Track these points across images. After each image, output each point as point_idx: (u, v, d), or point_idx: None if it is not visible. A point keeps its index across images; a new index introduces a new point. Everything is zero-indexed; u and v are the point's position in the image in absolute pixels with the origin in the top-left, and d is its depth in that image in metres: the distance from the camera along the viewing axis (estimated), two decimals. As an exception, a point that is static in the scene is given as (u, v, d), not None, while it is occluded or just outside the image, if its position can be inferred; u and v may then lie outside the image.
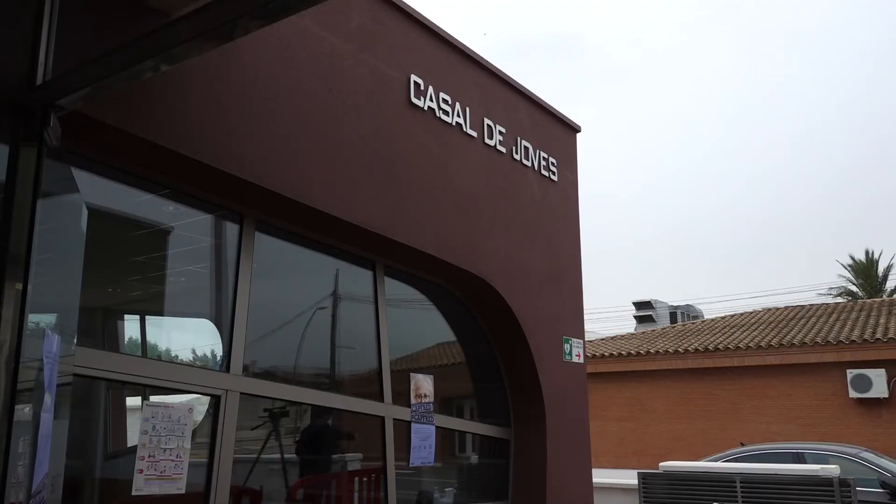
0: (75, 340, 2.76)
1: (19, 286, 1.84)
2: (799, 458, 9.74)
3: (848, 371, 15.22)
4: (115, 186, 4.13)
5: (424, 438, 5.94)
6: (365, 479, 5.91)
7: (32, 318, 1.96)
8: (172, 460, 3.84)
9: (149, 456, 3.75)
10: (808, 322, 18.28)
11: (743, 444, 11.98)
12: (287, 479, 5.51)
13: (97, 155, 3.87)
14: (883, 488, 8.85)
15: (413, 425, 5.86)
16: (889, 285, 33.60)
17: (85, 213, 2.76)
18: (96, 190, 3.98)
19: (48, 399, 2.01)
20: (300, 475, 5.73)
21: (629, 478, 9.44)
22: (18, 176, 1.83)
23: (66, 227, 2.44)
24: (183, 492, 3.93)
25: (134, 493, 3.70)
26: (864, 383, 14.99)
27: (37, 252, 1.93)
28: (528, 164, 7.17)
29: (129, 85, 3.23)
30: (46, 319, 2.21)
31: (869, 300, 21.58)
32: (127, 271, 4.67)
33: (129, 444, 4.12)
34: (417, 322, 6.77)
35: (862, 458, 9.37)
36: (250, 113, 4.33)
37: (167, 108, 3.84)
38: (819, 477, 8.05)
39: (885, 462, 9.41)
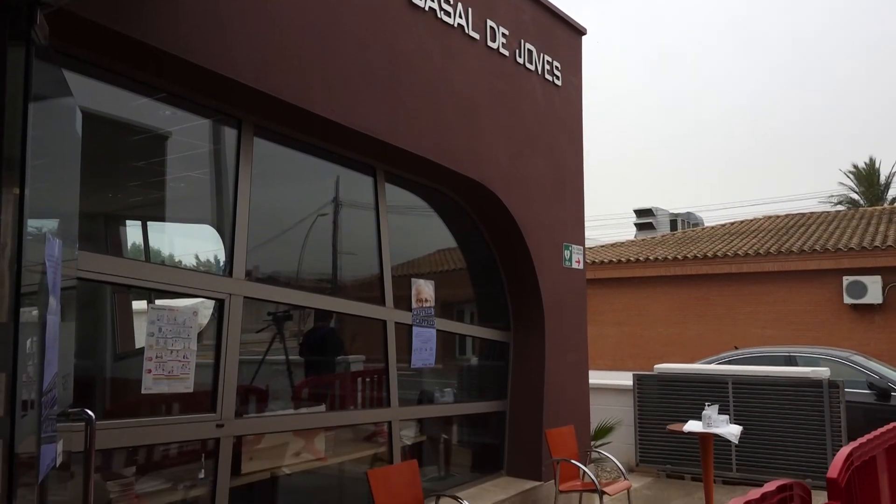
0: (77, 245, 2.78)
1: (16, 191, 1.83)
2: (791, 361, 9.98)
3: (844, 278, 15.38)
4: (109, 90, 4.06)
5: (425, 341, 6.08)
6: (367, 379, 6.09)
7: (33, 224, 1.96)
8: (179, 361, 3.95)
9: (156, 357, 3.85)
10: (807, 230, 18.32)
11: (737, 348, 12.26)
12: (292, 380, 5.68)
13: (89, 57, 3.78)
14: (870, 390, 9.11)
15: (414, 328, 5.98)
16: (891, 193, 33.49)
17: (79, 116, 2.72)
18: (91, 94, 3.91)
19: (53, 302, 2.04)
20: (305, 376, 5.90)
21: (625, 379, 9.71)
22: (7, 76, 1.80)
23: (60, 132, 2.41)
24: (191, 390, 4.06)
25: (143, 391, 3.83)
26: (859, 290, 15.18)
27: (32, 157, 1.92)
28: (532, 67, 7.01)
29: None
30: (47, 225, 2.22)
31: (870, 208, 21.55)
32: (126, 177, 4.65)
33: (137, 346, 4.22)
34: (418, 228, 6.80)
35: (852, 362, 9.60)
36: (246, 14, 4.19)
37: (158, 8, 3.72)
38: (809, 379, 8.28)
39: (874, 365, 9.65)
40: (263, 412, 5.16)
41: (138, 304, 4.78)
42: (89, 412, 2.30)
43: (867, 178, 33.51)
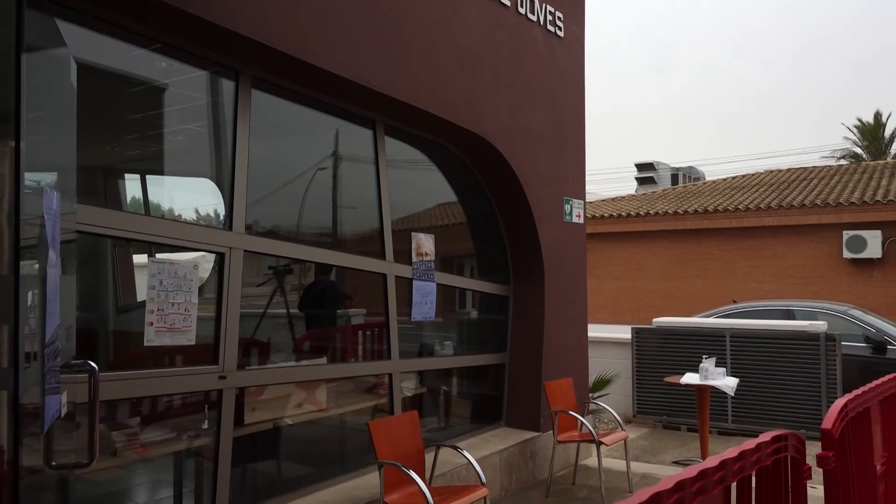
0: (75, 198, 2.78)
1: (12, 143, 1.82)
2: (788, 314, 10.05)
3: (844, 232, 15.39)
4: (103, 40, 3.99)
5: (425, 295, 6.11)
6: (368, 332, 6.15)
7: (30, 177, 1.95)
8: (181, 314, 3.98)
9: (158, 310, 3.88)
10: (809, 184, 18.25)
11: (735, 302, 12.33)
12: (293, 333, 5.72)
13: (82, 6, 3.70)
14: (866, 343, 9.20)
15: (414, 282, 6.01)
16: (895, 148, 33.22)
17: (74, 67, 2.68)
18: (85, 45, 3.84)
19: (53, 255, 2.05)
20: (306, 329, 5.95)
21: (623, 333, 9.79)
22: None
23: (55, 83, 2.38)
24: (193, 343, 4.10)
25: (146, 343, 3.86)
26: (859, 244, 15.20)
27: (27, 109, 1.90)
28: (534, 18, 6.88)
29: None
30: (44, 178, 2.21)
31: (872, 162, 21.42)
32: (123, 130, 4.61)
33: (139, 299, 4.24)
34: (418, 182, 6.77)
35: (849, 315, 9.67)
36: (240, -40, 4.10)
37: (152, -45, 3.64)
38: (806, 332, 8.35)
39: (871, 319, 9.72)
40: (265, 364, 5.22)
41: (139, 258, 4.79)
42: (92, 364, 2.32)
43: (871, 132, 33.21)
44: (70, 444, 2.60)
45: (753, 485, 2.84)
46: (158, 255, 4.12)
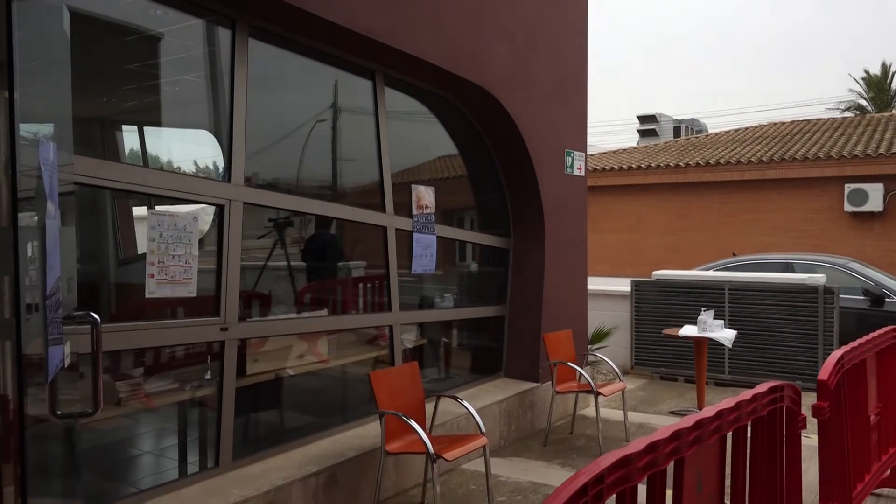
0: (72, 150, 2.75)
1: (6, 94, 1.79)
2: (788, 267, 10.08)
3: (846, 185, 15.32)
4: (96, -13, 3.91)
5: (426, 248, 6.11)
6: (369, 285, 6.17)
7: (26, 129, 1.93)
8: (181, 266, 3.98)
9: (158, 262, 3.88)
10: (812, 136, 18.09)
11: (735, 255, 12.35)
12: (294, 285, 5.75)
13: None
14: (865, 296, 9.24)
15: (415, 235, 6.01)
16: (901, 100, 32.80)
17: (67, 15, 2.63)
18: (77, -9, 3.76)
19: (51, 207, 2.04)
20: (307, 281, 5.97)
21: (623, 286, 9.83)
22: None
23: (47, 32, 2.33)
24: (194, 295, 4.12)
25: (147, 295, 3.88)
26: (861, 197, 15.15)
27: (20, 59, 1.86)
28: (536, -36, 6.73)
29: None
30: (41, 129, 2.19)
31: (877, 115, 21.19)
32: (119, 80, 4.55)
33: (140, 252, 4.25)
34: (419, 135, 6.71)
35: (848, 268, 9.69)
36: None
37: None
38: (805, 285, 8.38)
39: (870, 272, 9.75)
40: (266, 316, 5.25)
41: (139, 211, 4.79)
42: (94, 315, 2.33)
43: (877, 84, 32.75)
44: (75, 394, 2.64)
45: (749, 434, 2.89)
46: (158, 208, 4.11)
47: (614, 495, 2.05)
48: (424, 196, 6.13)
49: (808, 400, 3.39)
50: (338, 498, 4.60)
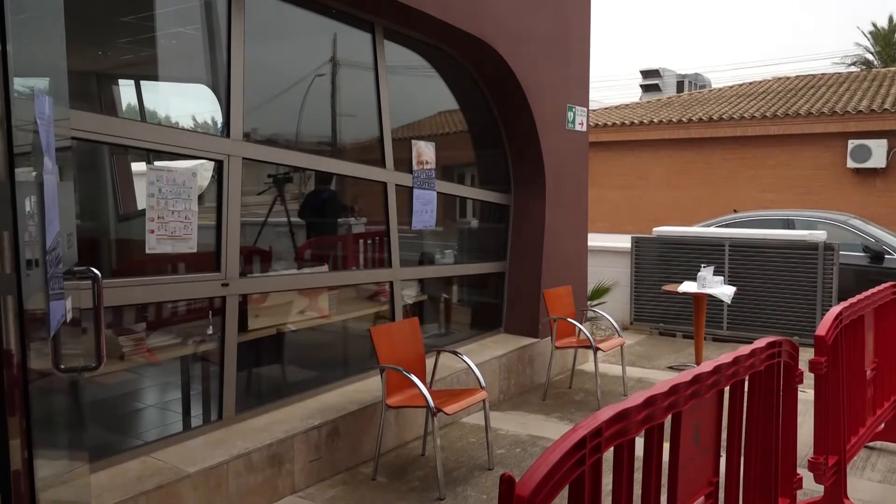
0: (69, 104, 2.72)
1: None
2: (789, 224, 10.06)
3: (849, 141, 15.20)
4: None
5: (426, 203, 6.09)
6: (369, 241, 6.17)
7: (20, 83, 1.90)
8: (181, 221, 3.98)
9: (158, 217, 3.88)
10: (816, 92, 17.89)
11: (736, 211, 12.33)
12: (294, 241, 5.75)
13: None
14: (865, 252, 9.25)
15: (415, 191, 5.98)
16: (908, 53, 32.32)
17: (59, -35, 2.57)
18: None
19: (48, 161, 2.02)
20: (307, 237, 5.97)
21: (623, 242, 9.84)
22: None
23: (40, -19, 2.28)
24: (195, 251, 4.12)
25: (148, 251, 3.88)
26: (864, 153, 15.05)
27: (12, 11, 1.83)
28: (538, -88, 6.56)
29: None
30: (36, 83, 2.16)
31: (883, 69, 20.91)
32: (115, 33, 4.48)
33: (140, 208, 4.24)
34: (419, 89, 6.63)
35: (849, 225, 9.68)
36: None
37: None
38: (805, 241, 8.38)
39: (871, 228, 9.73)
40: (267, 272, 5.27)
41: (138, 166, 4.76)
42: (95, 270, 2.34)
43: (885, 38, 32.24)
44: (78, 348, 2.66)
45: (746, 389, 2.92)
46: (156, 163, 4.09)
47: (612, 448, 2.08)
48: (425, 151, 6.09)
49: (806, 355, 3.42)
50: (340, 450, 4.67)
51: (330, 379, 5.30)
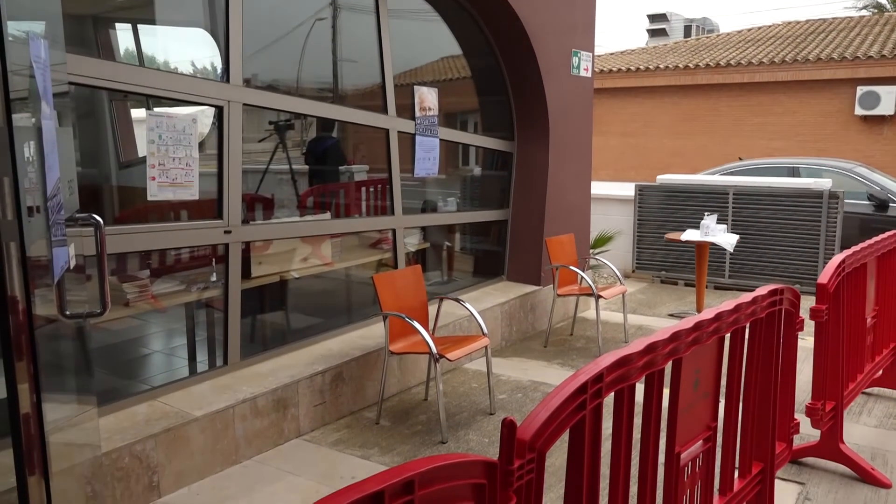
0: (65, 49, 2.67)
1: (-9, -15, 1.72)
2: (794, 172, 9.99)
3: (858, 88, 14.98)
4: None
5: (429, 150, 6.05)
6: (371, 188, 6.15)
7: (14, 27, 1.87)
8: (182, 168, 3.95)
9: (159, 164, 3.85)
10: (826, 37, 17.54)
11: (741, 159, 12.23)
12: (297, 189, 5.73)
13: None
14: (870, 201, 9.21)
15: (417, 138, 5.93)
16: (922, -3, 31.51)
17: None
18: None
19: (46, 107, 2.00)
20: (309, 185, 5.95)
21: (627, 190, 9.79)
22: None
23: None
24: (196, 198, 4.11)
25: (149, 198, 3.87)
26: (873, 100, 14.84)
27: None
28: None
29: None
30: (31, 27, 2.12)
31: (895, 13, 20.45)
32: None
33: (140, 155, 4.21)
34: (421, 34, 6.51)
35: (855, 173, 9.61)
36: None
37: None
38: (810, 190, 8.34)
39: (877, 177, 9.66)
40: (270, 220, 5.26)
41: (137, 113, 4.71)
42: (97, 217, 2.33)
43: (898, -21, 31.39)
44: (83, 294, 2.67)
45: (747, 336, 2.94)
46: (156, 109, 4.04)
47: (613, 393, 2.11)
48: (427, 98, 6.01)
49: (807, 303, 3.43)
50: (343, 395, 4.75)
51: (333, 326, 5.34)
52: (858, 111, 15.07)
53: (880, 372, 4.85)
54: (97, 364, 4.37)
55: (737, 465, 3.00)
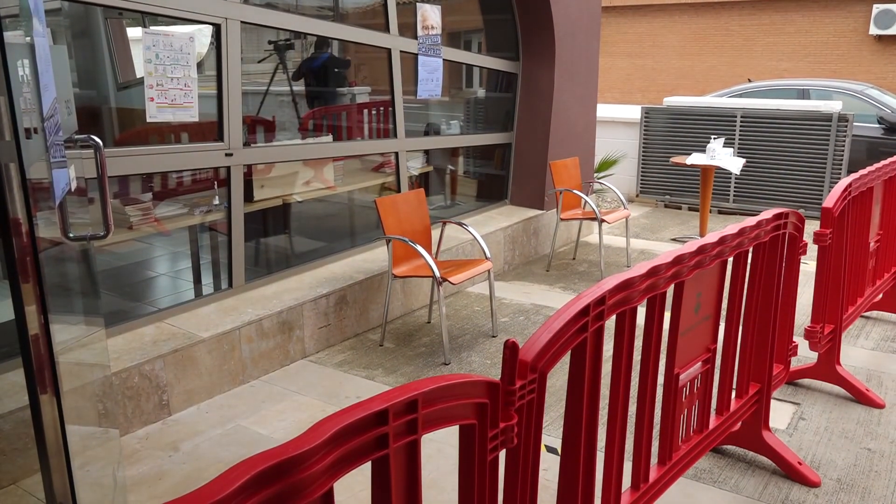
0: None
1: None
2: (804, 94, 9.81)
3: (875, 6, 14.53)
4: None
5: (432, 71, 5.92)
6: (374, 111, 6.06)
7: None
8: (181, 89, 3.88)
9: (157, 84, 3.78)
10: (845, -49, 16.90)
11: (750, 81, 11.98)
12: (298, 111, 5.65)
13: None
14: (879, 123, 9.06)
15: (420, 58, 5.80)
16: None
17: None
18: None
19: (38, 24, 1.94)
20: (310, 107, 5.86)
21: (633, 113, 9.64)
22: None
23: None
24: (196, 119, 4.05)
25: (149, 119, 3.82)
26: (889, 19, 14.41)
27: None
28: None
29: None
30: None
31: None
32: None
33: (138, 76, 4.12)
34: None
35: (866, 95, 9.42)
36: None
37: None
38: (819, 112, 8.19)
39: (888, 99, 9.48)
40: (271, 142, 5.21)
41: (134, 32, 4.59)
42: (96, 138, 2.30)
43: None
44: (85, 217, 2.67)
45: (749, 259, 2.94)
46: (152, 28, 3.93)
47: (615, 315, 2.12)
48: (430, 16, 5.84)
49: (811, 228, 3.42)
50: (348, 317, 4.81)
51: (337, 249, 5.36)
52: (873, 30, 14.66)
53: (880, 296, 4.88)
54: (104, 287, 4.41)
55: (734, 385, 3.06)
